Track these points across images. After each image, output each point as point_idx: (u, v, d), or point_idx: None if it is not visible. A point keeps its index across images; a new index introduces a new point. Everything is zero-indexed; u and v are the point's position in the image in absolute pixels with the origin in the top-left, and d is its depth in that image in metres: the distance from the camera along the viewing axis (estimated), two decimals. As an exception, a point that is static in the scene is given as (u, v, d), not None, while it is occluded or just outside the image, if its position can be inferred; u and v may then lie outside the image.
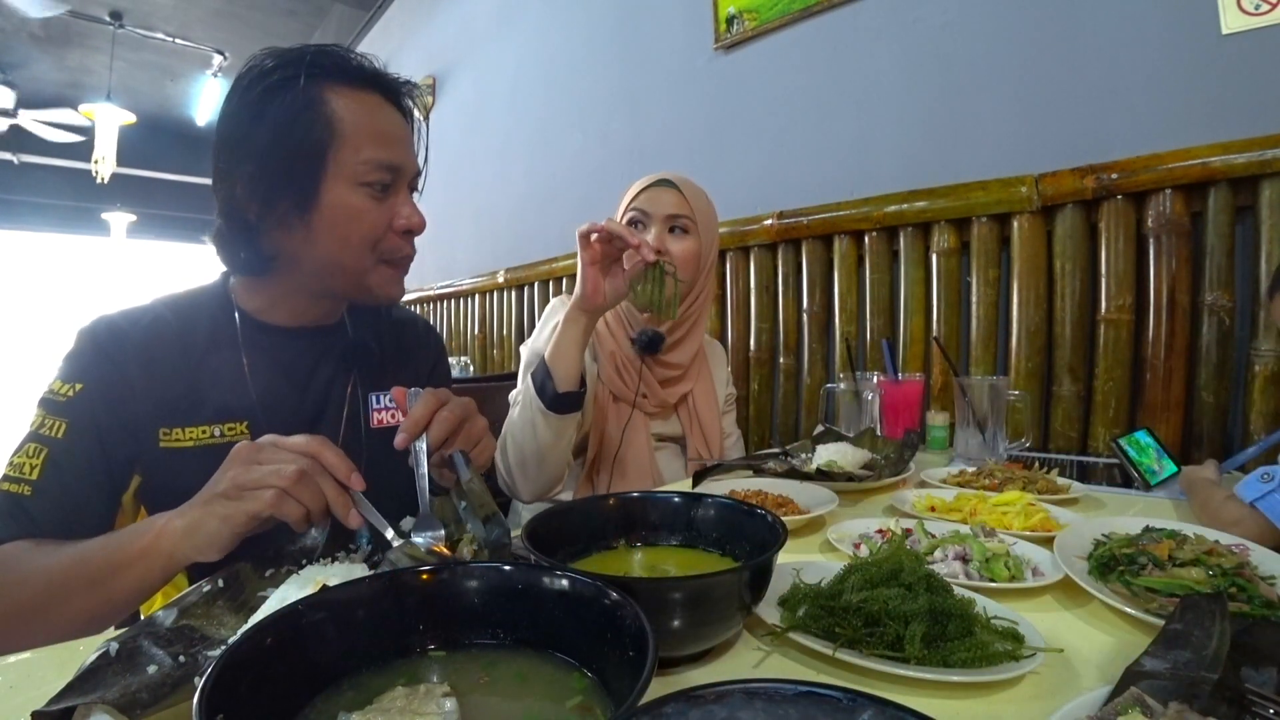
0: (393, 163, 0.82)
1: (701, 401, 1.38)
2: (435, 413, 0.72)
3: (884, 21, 1.71)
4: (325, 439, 0.65)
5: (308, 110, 0.79)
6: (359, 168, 0.80)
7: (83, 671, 0.46)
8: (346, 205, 0.81)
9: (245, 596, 0.61)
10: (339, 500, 0.63)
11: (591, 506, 0.72)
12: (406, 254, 0.87)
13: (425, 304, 3.77)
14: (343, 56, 0.83)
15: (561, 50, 2.83)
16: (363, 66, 0.85)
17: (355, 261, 0.84)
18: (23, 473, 0.73)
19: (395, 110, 0.86)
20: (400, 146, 0.84)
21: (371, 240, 0.83)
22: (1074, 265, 1.38)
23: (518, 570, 0.50)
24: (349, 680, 0.44)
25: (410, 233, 0.86)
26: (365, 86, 0.84)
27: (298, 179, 0.79)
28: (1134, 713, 0.38)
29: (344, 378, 0.93)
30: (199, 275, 0.96)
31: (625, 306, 1.33)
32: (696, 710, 0.33)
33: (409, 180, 0.86)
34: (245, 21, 5.33)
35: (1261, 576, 0.63)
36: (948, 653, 0.51)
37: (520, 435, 1.11)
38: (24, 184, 7.73)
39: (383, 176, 0.82)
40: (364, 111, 0.82)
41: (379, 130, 0.82)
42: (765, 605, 0.59)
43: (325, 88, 0.80)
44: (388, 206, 0.84)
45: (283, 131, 0.79)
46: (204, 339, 0.86)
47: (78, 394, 0.77)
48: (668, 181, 1.30)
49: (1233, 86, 1.20)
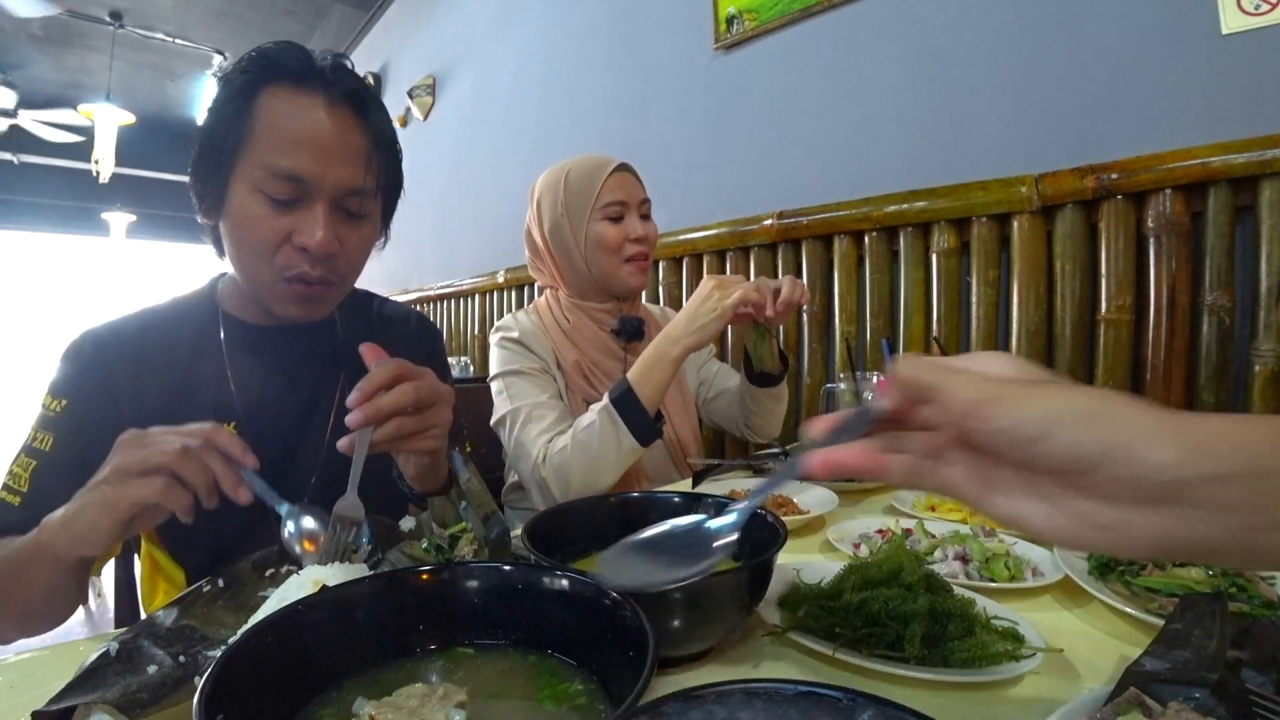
0: (294, 173, 0.75)
1: None
2: (396, 382, 0.65)
3: (884, 21, 1.71)
4: (219, 427, 0.61)
5: (232, 107, 0.76)
6: (258, 173, 0.75)
7: (83, 671, 0.46)
8: (243, 210, 0.77)
9: (245, 596, 0.61)
10: (225, 475, 0.59)
11: (591, 506, 0.72)
12: (302, 273, 0.78)
13: (425, 304, 3.77)
14: (287, 55, 0.78)
15: (561, 50, 2.82)
16: (310, 67, 0.78)
17: (253, 272, 0.80)
18: (17, 483, 0.76)
19: (338, 116, 0.77)
20: (316, 156, 0.76)
21: (265, 252, 0.77)
22: (1074, 265, 1.38)
23: (518, 570, 0.50)
24: (349, 680, 0.44)
25: (306, 250, 0.77)
26: (309, 89, 0.77)
27: (211, 176, 0.78)
28: (1134, 713, 0.38)
29: (333, 376, 0.92)
30: (199, 275, 0.96)
31: (586, 306, 1.34)
32: (696, 710, 0.33)
33: (327, 195, 0.77)
34: (245, 21, 5.32)
35: (1261, 576, 0.63)
36: (948, 653, 0.51)
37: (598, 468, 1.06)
38: (24, 184, 7.74)
39: (279, 188, 0.75)
40: (286, 114, 0.76)
41: (292, 136, 0.75)
42: (765, 605, 0.59)
43: (263, 87, 0.76)
44: (291, 218, 0.77)
45: (209, 126, 0.78)
46: (189, 343, 0.86)
47: (63, 409, 0.79)
48: (626, 166, 1.33)
49: (1233, 86, 1.20)
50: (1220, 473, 0.29)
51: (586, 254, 1.30)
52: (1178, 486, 0.29)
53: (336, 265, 0.81)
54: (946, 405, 0.34)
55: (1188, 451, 0.29)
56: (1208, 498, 0.29)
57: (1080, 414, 0.32)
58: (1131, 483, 0.30)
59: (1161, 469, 0.30)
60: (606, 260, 1.29)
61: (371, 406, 0.63)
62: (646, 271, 1.34)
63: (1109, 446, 0.30)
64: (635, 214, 1.31)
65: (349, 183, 0.78)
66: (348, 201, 0.79)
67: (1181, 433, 0.30)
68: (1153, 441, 0.30)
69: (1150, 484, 0.30)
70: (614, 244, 1.28)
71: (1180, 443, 0.30)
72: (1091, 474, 0.31)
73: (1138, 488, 0.30)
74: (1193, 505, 0.29)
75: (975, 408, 0.33)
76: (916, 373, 0.36)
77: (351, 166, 0.78)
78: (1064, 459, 0.32)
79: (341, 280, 0.84)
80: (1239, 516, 0.29)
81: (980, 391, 0.34)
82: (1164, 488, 0.30)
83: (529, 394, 1.20)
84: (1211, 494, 0.29)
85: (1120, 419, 0.31)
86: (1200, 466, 0.29)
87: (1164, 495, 0.30)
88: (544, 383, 1.24)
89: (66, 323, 8.87)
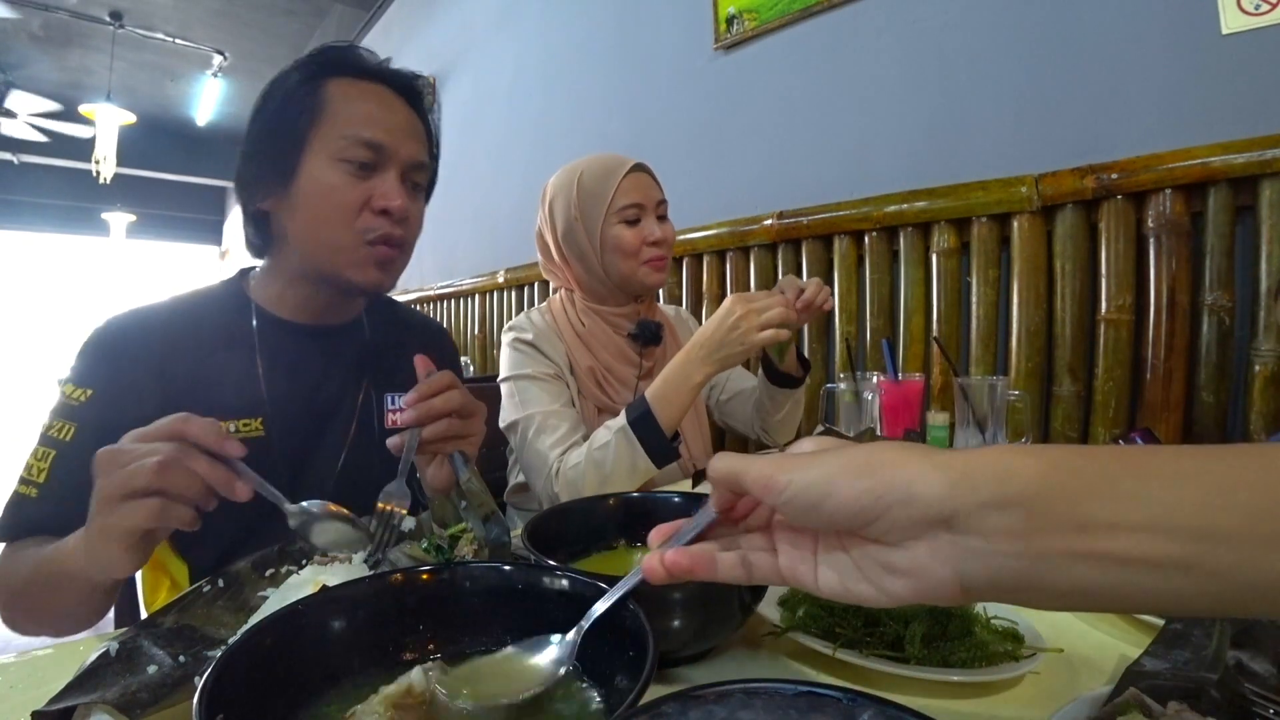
0: (374, 140, 0.81)
1: None
2: (446, 389, 0.70)
3: (884, 21, 1.71)
4: (187, 415, 0.57)
5: (300, 94, 0.82)
6: (338, 143, 0.80)
7: (83, 671, 0.46)
8: (322, 180, 0.81)
9: (245, 596, 0.61)
10: (216, 476, 0.55)
11: (591, 506, 0.72)
12: (385, 234, 0.83)
13: (425, 304, 3.77)
14: (352, 52, 0.86)
15: (561, 50, 2.82)
16: (369, 61, 0.86)
17: (335, 238, 0.82)
18: (32, 475, 0.75)
19: (400, 102, 0.86)
20: (389, 129, 0.83)
21: (347, 217, 0.82)
22: (1074, 265, 1.38)
23: (518, 570, 0.50)
24: (349, 680, 0.44)
25: (388, 213, 0.83)
26: (369, 79, 0.85)
27: (280, 155, 0.82)
28: (1134, 713, 0.38)
29: (358, 378, 0.93)
30: (198, 275, 0.97)
31: (602, 310, 1.31)
32: (696, 710, 0.33)
33: (399, 165, 0.84)
34: (245, 21, 5.33)
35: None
36: (948, 653, 0.51)
37: (610, 486, 1.05)
38: (24, 184, 7.74)
39: (361, 153, 0.81)
40: (356, 95, 0.83)
41: (366, 111, 0.82)
42: (765, 605, 0.59)
43: (328, 78, 0.83)
44: (368, 185, 0.82)
45: (275, 113, 0.83)
46: (218, 336, 0.86)
47: (89, 399, 0.78)
48: (642, 166, 1.29)
49: (1233, 86, 1.20)
50: (988, 500, 0.30)
51: (602, 258, 1.26)
52: (953, 515, 0.31)
53: (408, 232, 0.86)
54: (748, 487, 0.36)
55: (954, 484, 0.31)
56: (989, 526, 0.30)
57: (852, 468, 0.33)
58: (913, 521, 0.31)
59: (934, 502, 0.31)
60: (623, 264, 1.25)
61: (425, 407, 0.68)
62: (665, 269, 1.30)
63: (883, 491, 0.32)
64: (652, 215, 1.27)
65: (417, 156, 0.86)
66: (414, 174, 0.87)
67: (950, 466, 0.31)
68: (922, 479, 0.31)
69: (929, 519, 0.31)
70: (631, 248, 1.24)
71: (947, 476, 0.31)
72: (878, 522, 0.32)
73: (920, 524, 0.31)
74: (978, 535, 0.30)
75: (767, 482, 0.35)
76: (724, 465, 0.38)
77: (417, 143, 0.87)
78: (849, 513, 0.33)
79: (407, 250, 0.89)
80: (1025, 543, 0.29)
81: (770, 467, 0.35)
82: (943, 519, 0.31)
83: (541, 401, 1.18)
84: (990, 522, 0.30)
85: (890, 465, 0.32)
86: (968, 495, 0.30)
87: (945, 526, 0.31)
88: (556, 390, 1.22)
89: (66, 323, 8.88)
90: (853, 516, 0.33)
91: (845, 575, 0.35)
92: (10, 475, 0.78)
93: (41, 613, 0.71)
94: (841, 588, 0.35)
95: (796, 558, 0.37)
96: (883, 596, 0.33)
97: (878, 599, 0.34)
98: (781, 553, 0.38)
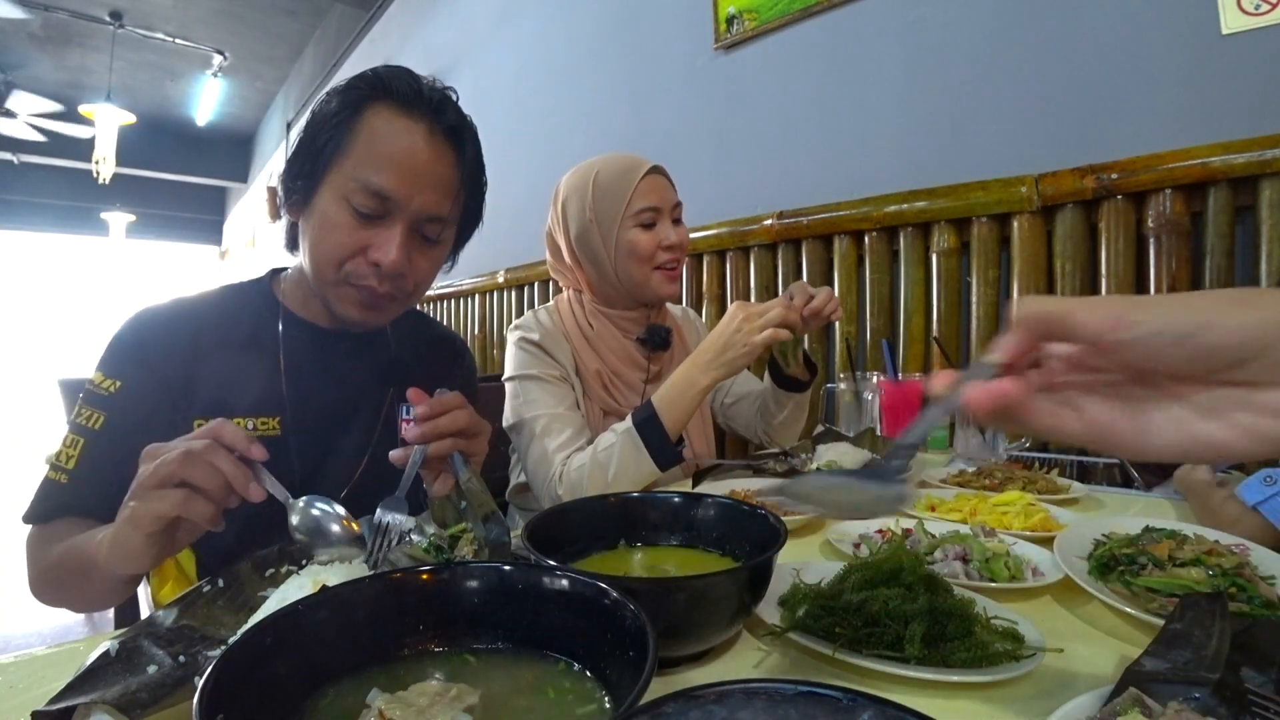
0: (383, 190, 0.78)
1: None
2: (451, 410, 0.72)
3: (884, 21, 1.71)
4: (223, 420, 0.62)
5: (339, 117, 0.80)
6: (349, 184, 0.78)
7: (83, 671, 0.46)
8: (327, 215, 0.80)
9: (245, 596, 0.61)
10: (235, 473, 0.59)
11: (591, 506, 0.72)
12: (369, 285, 0.82)
13: (425, 304, 3.77)
14: (405, 79, 0.82)
15: (562, 50, 2.83)
16: (418, 93, 0.81)
17: (322, 271, 0.83)
18: (61, 461, 0.77)
19: (434, 146, 0.81)
20: (406, 178, 0.79)
21: (338, 258, 0.81)
22: (1074, 265, 1.38)
23: (518, 570, 0.50)
24: (349, 680, 0.44)
25: (378, 265, 0.80)
26: (414, 114, 0.80)
27: (305, 175, 0.82)
28: (1134, 713, 0.38)
29: (380, 388, 0.94)
30: (198, 275, 0.97)
31: (612, 314, 1.30)
32: (696, 710, 0.33)
33: (408, 217, 0.80)
34: (245, 21, 5.33)
35: (1261, 576, 0.63)
36: (948, 653, 0.51)
37: (614, 488, 1.05)
38: (24, 184, 7.74)
39: (367, 202, 0.78)
40: (387, 133, 0.79)
41: (389, 154, 0.79)
42: (765, 605, 0.59)
43: (371, 104, 0.80)
44: (368, 233, 0.80)
45: (311, 130, 0.82)
46: (244, 334, 0.87)
47: (118, 390, 0.80)
48: (659, 168, 1.27)
49: (1233, 86, 1.20)
50: None
51: (616, 262, 1.24)
52: None
53: (403, 284, 0.84)
54: (1082, 326, 0.33)
55: None
56: None
57: (1232, 300, 0.31)
58: None
59: None
60: (637, 269, 1.23)
61: (431, 426, 0.69)
62: (678, 280, 1.28)
63: (1272, 324, 0.29)
64: (668, 219, 1.25)
65: (432, 209, 0.82)
66: (427, 227, 0.83)
67: None
68: None
69: None
70: (646, 253, 1.22)
71: None
72: (1255, 360, 0.30)
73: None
74: None
75: (1116, 318, 0.32)
76: (1040, 307, 0.35)
77: (438, 195, 0.82)
78: (1229, 344, 0.30)
79: (406, 297, 0.87)
80: None
81: (1115, 305, 0.33)
82: None
83: (546, 403, 1.18)
84: None
85: (1273, 299, 0.30)
86: None
87: None
88: (561, 392, 1.21)
89: (67, 322, 8.88)
90: (1234, 349, 0.30)
91: (1187, 423, 0.32)
92: (12, 470, 0.80)
93: (67, 592, 0.75)
94: (1186, 434, 0.32)
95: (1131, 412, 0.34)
96: (1248, 441, 0.31)
97: (1240, 444, 0.31)
98: (1103, 403, 0.35)
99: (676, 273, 1.27)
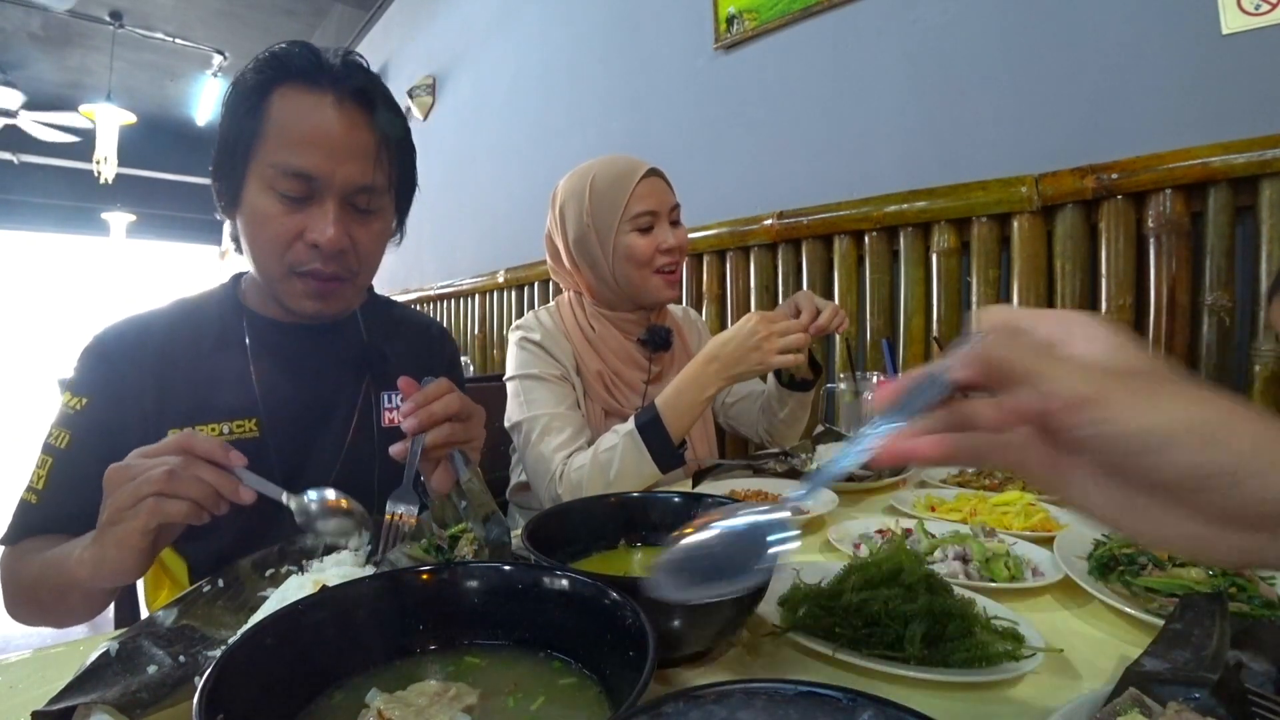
0: (303, 170, 0.76)
1: None
2: (444, 395, 0.71)
3: (884, 21, 1.71)
4: (191, 432, 0.62)
5: (244, 108, 0.78)
6: (269, 171, 0.77)
7: (83, 671, 0.46)
8: (257, 208, 0.79)
9: (245, 596, 0.61)
10: (222, 482, 0.59)
11: (591, 506, 0.72)
12: (314, 269, 0.80)
13: (425, 304, 3.77)
14: (299, 56, 0.79)
15: (561, 50, 2.82)
16: (319, 65, 0.79)
17: (266, 267, 0.81)
18: (33, 481, 0.77)
19: (348, 116, 0.78)
20: (325, 154, 0.77)
21: (278, 249, 0.79)
22: (1074, 265, 1.38)
23: (518, 570, 0.50)
24: (349, 680, 0.44)
25: (317, 247, 0.78)
26: (319, 87, 0.78)
27: (228, 175, 0.80)
28: (1134, 713, 0.38)
29: (356, 377, 0.93)
30: (199, 275, 0.97)
31: (613, 316, 1.30)
32: (696, 710, 0.33)
33: (337, 192, 0.78)
34: (245, 21, 5.33)
35: (1261, 576, 0.63)
36: (948, 653, 0.51)
37: (615, 489, 1.04)
38: (24, 184, 7.73)
39: (290, 185, 0.76)
40: (295, 114, 0.77)
41: (302, 133, 0.76)
42: (765, 605, 0.59)
43: (275, 87, 0.78)
44: (301, 216, 0.78)
45: (224, 127, 0.80)
46: (212, 339, 0.87)
47: (84, 407, 0.80)
48: (656, 170, 1.26)
49: (1233, 86, 1.20)
50: None
51: (614, 266, 1.24)
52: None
53: (349, 261, 0.83)
54: (1044, 396, 0.30)
55: None
56: None
57: (1202, 433, 0.28)
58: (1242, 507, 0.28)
59: None
60: (636, 273, 1.23)
61: (425, 413, 0.68)
62: (677, 283, 1.28)
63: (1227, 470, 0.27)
64: (666, 222, 1.24)
65: (358, 179, 0.79)
66: (358, 198, 0.81)
67: None
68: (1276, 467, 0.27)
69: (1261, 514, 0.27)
70: (644, 257, 1.21)
71: None
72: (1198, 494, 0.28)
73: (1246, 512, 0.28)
74: None
75: (1079, 406, 0.29)
76: (1011, 355, 0.31)
77: (360, 163, 0.79)
78: (1174, 477, 0.28)
79: (355, 276, 0.85)
80: None
81: (1085, 386, 0.29)
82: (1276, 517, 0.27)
83: (547, 403, 1.18)
84: None
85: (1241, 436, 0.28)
86: None
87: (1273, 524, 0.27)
88: (562, 391, 1.21)
89: (67, 323, 8.87)
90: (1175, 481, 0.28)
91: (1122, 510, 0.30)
92: (9, 474, 0.81)
93: (44, 608, 0.74)
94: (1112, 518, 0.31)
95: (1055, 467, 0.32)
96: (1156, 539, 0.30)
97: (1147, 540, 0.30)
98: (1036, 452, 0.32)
99: (676, 275, 1.27)
